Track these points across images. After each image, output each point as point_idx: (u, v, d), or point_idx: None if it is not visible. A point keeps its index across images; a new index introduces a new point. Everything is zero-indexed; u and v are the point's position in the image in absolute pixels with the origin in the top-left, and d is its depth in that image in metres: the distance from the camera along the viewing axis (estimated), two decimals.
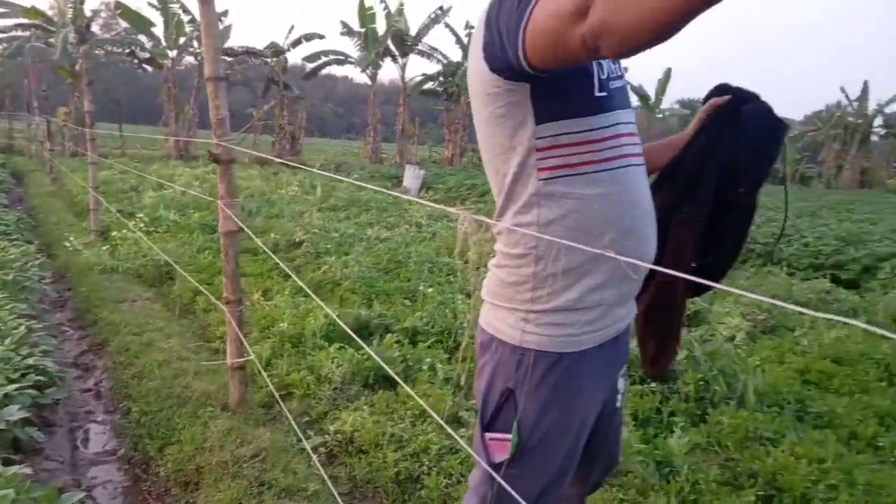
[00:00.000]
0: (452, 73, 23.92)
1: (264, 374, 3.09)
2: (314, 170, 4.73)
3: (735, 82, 1.36)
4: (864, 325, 0.69)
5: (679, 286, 1.33)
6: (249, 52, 22.27)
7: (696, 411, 3.05)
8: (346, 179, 2.90)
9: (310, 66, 24.08)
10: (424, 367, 3.28)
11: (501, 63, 1.00)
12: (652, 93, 25.26)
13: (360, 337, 3.92)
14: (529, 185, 1.11)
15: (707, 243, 1.32)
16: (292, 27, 22.80)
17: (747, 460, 2.60)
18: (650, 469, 2.48)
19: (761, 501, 2.40)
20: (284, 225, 7.60)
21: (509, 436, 1.18)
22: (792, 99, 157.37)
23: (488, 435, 1.22)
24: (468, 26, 23.67)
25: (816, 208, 13.58)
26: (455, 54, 24.56)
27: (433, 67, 24.89)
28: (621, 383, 1.37)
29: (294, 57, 25.46)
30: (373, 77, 23.10)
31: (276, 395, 2.84)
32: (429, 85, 25.71)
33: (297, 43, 22.39)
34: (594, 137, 1.08)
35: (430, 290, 4.41)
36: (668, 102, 25.51)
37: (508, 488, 1.16)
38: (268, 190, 12.05)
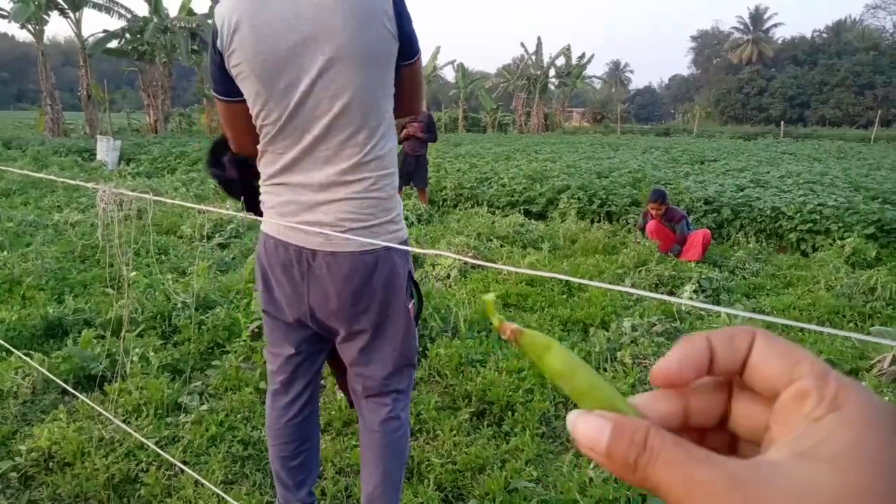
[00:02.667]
0: (141, 30, 21.33)
1: None
2: None
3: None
4: (749, 314, 0.77)
5: None
6: None
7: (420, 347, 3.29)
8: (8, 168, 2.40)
9: None
10: (135, 359, 2.97)
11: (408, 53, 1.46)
12: None
13: (54, 337, 3.40)
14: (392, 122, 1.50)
15: None
16: None
17: (462, 384, 2.89)
18: None
19: (475, 417, 2.70)
20: None
21: (413, 301, 1.62)
22: (486, 54, 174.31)
23: (409, 305, 1.59)
24: None
25: (511, 152, 15.39)
26: (140, 8, 21.92)
27: (116, 23, 21.72)
28: None
29: None
30: (38, 34, 19.47)
31: None
32: (114, 43, 22.58)
33: None
34: None
35: (134, 273, 3.98)
36: None
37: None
38: None
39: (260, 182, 1.53)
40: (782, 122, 36.84)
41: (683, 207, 6.97)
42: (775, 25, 58.55)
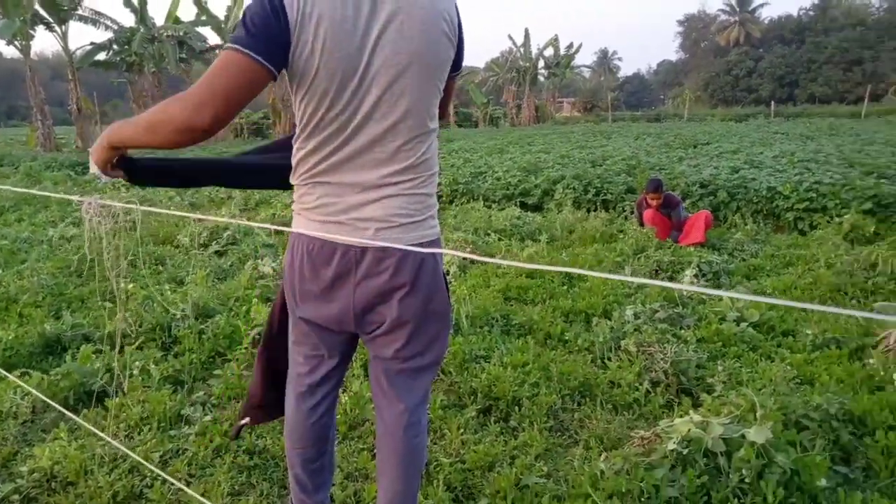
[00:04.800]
0: (128, 41, 21.24)
1: None
2: None
3: None
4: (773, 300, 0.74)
5: None
6: None
7: None
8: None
9: None
10: (136, 372, 2.94)
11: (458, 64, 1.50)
12: None
13: (52, 354, 3.37)
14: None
15: None
16: None
17: (467, 380, 2.87)
18: None
19: (482, 414, 2.67)
20: None
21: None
22: (475, 48, 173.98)
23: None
24: None
25: (504, 145, 15.37)
26: (126, 19, 21.85)
27: (103, 35, 21.61)
28: None
29: None
30: (25, 50, 19.37)
31: None
32: (102, 55, 22.51)
33: None
34: None
35: (132, 285, 3.94)
36: None
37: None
38: None
39: (295, 179, 1.47)
40: (772, 103, 36.87)
41: (679, 192, 6.95)
42: (761, 5, 58.54)
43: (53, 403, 2.60)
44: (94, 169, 1.44)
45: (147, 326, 3.52)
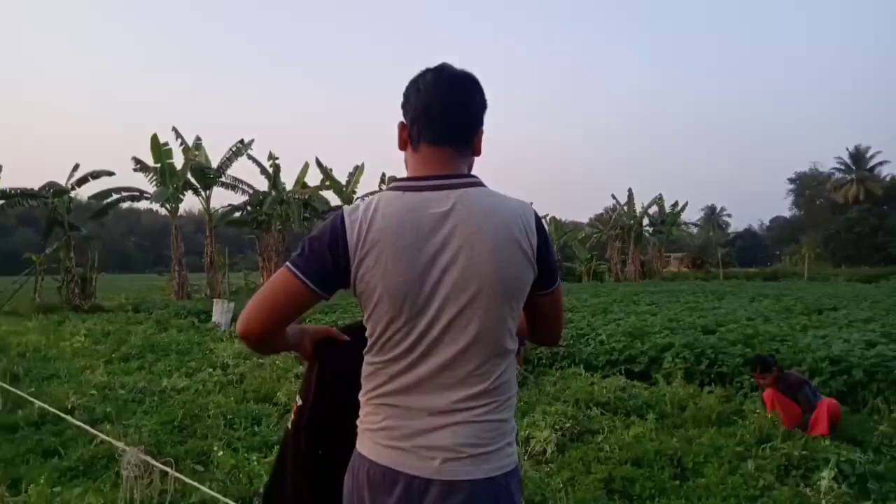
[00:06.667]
0: (260, 203, 23.66)
1: None
2: None
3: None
4: None
5: None
6: (25, 195, 20.11)
7: None
8: None
9: (99, 203, 22.35)
10: None
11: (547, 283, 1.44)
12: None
13: None
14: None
15: None
16: (76, 166, 20.96)
17: None
18: None
19: None
20: (56, 388, 6.56)
21: None
22: (578, 205, 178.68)
23: None
24: (272, 157, 23.94)
25: (608, 304, 15.00)
26: (261, 184, 24.49)
27: (240, 198, 24.28)
28: None
29: (84, 195, 24.06)
30: (173, 210, 22.02)
31: None
32: (237, 214, 25.14)
33: (82, 181, 20.67)
34: None
35: (222, 453, 3.94)
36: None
37: None
38: (47, 344, 10.51)
39: (362, 395, 1.41)
40: None
41: (805, 369, 6.30)
42: (881, 164, 56.45)
43: None
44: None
45: (231, 497, 3.44)
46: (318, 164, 25.28)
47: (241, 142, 22.50)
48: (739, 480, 3.72)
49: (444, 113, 1.39)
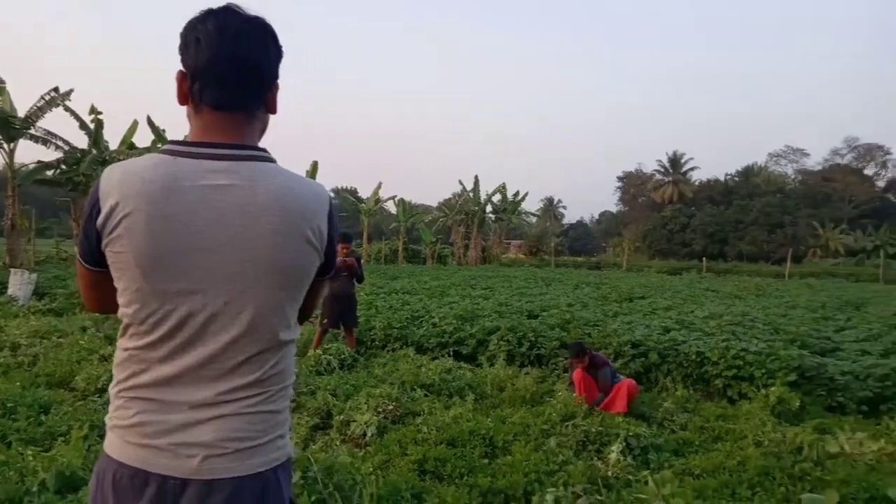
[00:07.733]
0: (77, 162, 21.14)
1: None
2: None
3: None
4: None
5: None
6: None
7: None
8: None
9: None
10: None
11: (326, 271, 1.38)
12: None
13: None
14: None
15: None
16: None
17: None
18: None
19: None
20: None
21: None
22: (427, 189, 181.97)
23: None
24: (94, 111, 21.47)
25: (446, 287, 15.42)
26: (80, 140, 21.88)
27: (53, 154, 21.51)
28: None
29: None
30: None
31: None
32: (49, 173, 22.28)
33: None
34: None
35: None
36: None
37: None
38: None
39: (113, 388, 1.24)
40: (704, 259, 39.07)
41: (612, 351, 6.92)
42: (692, 169, 63.70)
43: None
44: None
45: (2, 496, 3.03)
46: (150, 123, 23.17)
47: (56, 90, 19.83)
48: (542, 457, 3.97)
49: (233, 71, 1.21)
